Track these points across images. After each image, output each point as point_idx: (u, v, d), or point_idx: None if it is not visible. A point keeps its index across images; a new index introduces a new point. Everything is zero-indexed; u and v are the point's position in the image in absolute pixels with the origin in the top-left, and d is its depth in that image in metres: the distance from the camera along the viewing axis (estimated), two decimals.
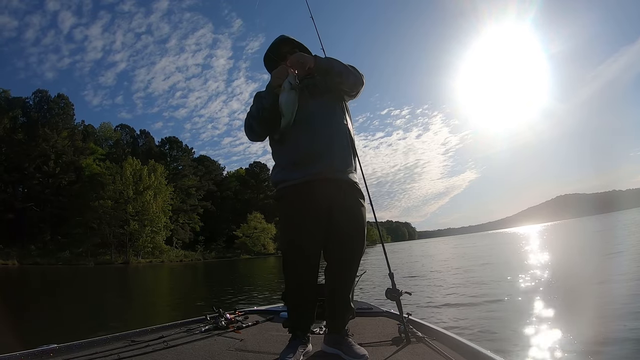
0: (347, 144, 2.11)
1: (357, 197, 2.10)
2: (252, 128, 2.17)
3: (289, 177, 2.05)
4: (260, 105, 2.12)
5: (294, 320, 2.13)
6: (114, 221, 50.37)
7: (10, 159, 50.49)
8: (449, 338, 2.17)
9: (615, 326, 4.35)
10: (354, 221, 2.04)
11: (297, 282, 2.07)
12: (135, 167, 53.27)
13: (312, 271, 2.05)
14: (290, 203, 2.05)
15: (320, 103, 2.13)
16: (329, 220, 2.02)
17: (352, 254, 2.05)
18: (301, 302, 2.11)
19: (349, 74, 2.10)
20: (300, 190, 2.01)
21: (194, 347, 2.30)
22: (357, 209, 2.08)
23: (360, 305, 3.37)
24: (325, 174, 2.00)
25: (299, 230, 2.01)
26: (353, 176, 2.11)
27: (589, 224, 53.79)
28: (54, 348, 2.15)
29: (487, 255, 19.79)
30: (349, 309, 2.13)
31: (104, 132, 68.90)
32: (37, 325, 6.84)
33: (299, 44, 2.32)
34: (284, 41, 2.31)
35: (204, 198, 69.66)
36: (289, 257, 2.05)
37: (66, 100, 59.14)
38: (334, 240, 2.04)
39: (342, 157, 2.07)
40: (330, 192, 2.01)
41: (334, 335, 2.11)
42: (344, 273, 2.09)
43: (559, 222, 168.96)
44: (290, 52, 2.23)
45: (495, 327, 4.92)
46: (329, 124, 2.08)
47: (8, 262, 40.65)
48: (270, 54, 2.33)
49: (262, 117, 2.11)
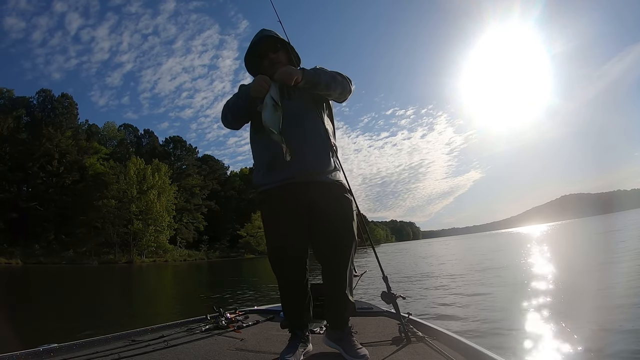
0: (322, 144, 2.06)
1: (337, 195, 2.06)
2: (227, 119, 2.16)
3: (265, 182, 2.06)
4: (238, 105, 2.12)
5: (289, 319, 2.15)
6: (117, 220, 50.63)
7: (14, 158, 50.74)
8: (450, 338, 2.15)
9: (615, 327, 4.33)
10: (336, 218, 2.01)
11: (285, 283, 2.10)
12: (139, 166, 53.50)
13: (298, 271, 2.07)
14: (268, 207, 2.07)
15: (294, 103, 2.07)
16: (311, 220, 2.02)
17: (337, 250, 2.01)
18: (292, 301, 2.13)
19: (336, 85, 2.06)
20: (276, 195, 2.02)
21: (194, 347, 2.30)
22: (338, 205, 2.04)
23: (361, 305, 3.36)
24: (298, 178, 1.98)
25: (279, 233, 2.04)
26: (330, 176, 2.06)
27: (594, 224, 53.53)
28: (54, 347, 2.16)
29: (490, 256, 19.74)
30: (345, 306, 2.07)
31: (108, 132, 69.27)
32: (38, 325, 6.87)
33: (281, 40, 2.22)
34: (266, 38, 2.19)
35: (208, 197, 69.83)
36: (273, 259, 2.06)
37: (70, 100, 59.49)
38: (319, 240, 2.04)
39: (316, 159, 2.01)
40: (306, 194, 1.99)
41: (336, 331, 2.08)
42: (333, 269, 2.05)
43: (563, 222, 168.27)
44: (272, 49, 2.18)
45: (496, 327, 4.90)
46: (301, 125, 2.03)
47: (12, 262, 40.96)
48: (250, 53, 2.25)
49: (238, 115, 2.14)
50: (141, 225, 51.26)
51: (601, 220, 65.18)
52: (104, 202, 49.62)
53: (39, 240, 48.22)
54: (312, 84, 2.00)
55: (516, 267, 11.98)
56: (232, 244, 68.48)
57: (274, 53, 2.18)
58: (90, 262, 45.76)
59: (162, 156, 64.13)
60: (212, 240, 66.87)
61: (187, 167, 69.47)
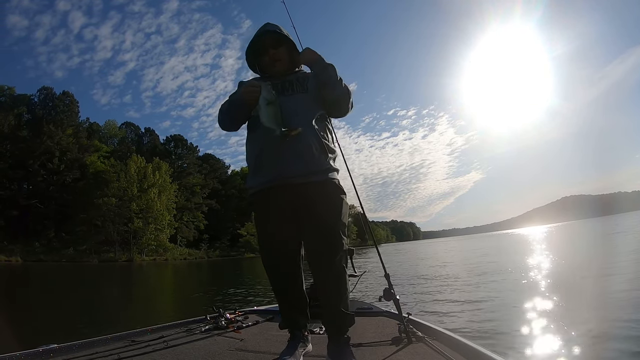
0: (315, 144, 1.93)
1: (326, 198, 1.93)
2: (224, 123, 2.12)
3: (254, 183, 2.02)
4: (231, 110, 2.08)
5: (284, 318, 2.15)
6: (118, 219, 50.68)
7: (15, 156, 50.79)
8: (450, 338, 2.15)
9: (616, 327, 4.33)
10: (323, 218, 1.90)
11: (276, 284, 2.11)
12: (139, 164, 53.59)
13: (287, 272, 2.06)
14: (257, 209, 2.05)
15: (287, 101, 1.98)
16: (299, 223, 1.95)
17: (321, 255, 1.91)
18: (285, 302, 2.14)
19: (335, 86, 2.02)
20: (263, 197, 1.98)
21: (194, 347, 2.30)
22: (326, 210, 1.92)
23: (361, 305, 3.36)
24: (285, 180, 1.90)
25: (267, 235, 2.05)
26: (322, 177, 1.95)
27: (594, 225, 53.50)
28: (54, 348, 2.15)
29: (490, 257, 19.73)
30: (336, 314, 1.93)
31: (108, 130, 69.29)
32: (38, 325, 6.87)
33: (284, 36, 2.14)
34: (268, 33, 2.11)
35: (208, 196, 69.81)
36: (263, 260, 2.07)
37: (71, 98, 59.59)
38: (306, 243, 2.00)
39: (306, 160, 1.90)
40: (293, 197, 1.92)
41: (333, 344, 1.94)
42: (320, 275, 1.95)
43: (564, 224, 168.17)
44: (273, 45, 2.11)
45: (496, 327, 4.90)
46: (294, 122, 1.91)
47: (12, 259, 41.02)
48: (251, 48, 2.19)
49: (234, 118, 2.10)
50: (141, 223, 51.32)
51: (602, 222, 65.12)
52: (105, 200, 49.63)
53: (39, 238, 48.27)
54: (321, 66, 2.01)
55: (516, 267, 11.97)
56: (233, 243, 68.41)
57: (275, 49, 2.12)
58: (90, 260, 45.83)
59: (163, 155, 64.16)
60: (212, 239, 66.87)
61: (187, 165, 69.51)
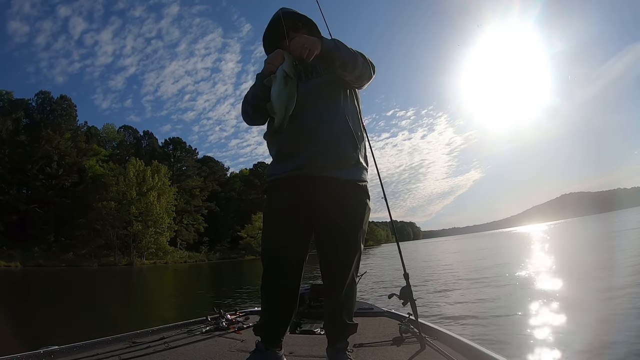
0: (340, 133, 1.77)
1: (350, 198, 1.79)
2: (248, 113, 1.92)
3: (274, 172, 1.85)
4: (255, 95, 1.84)
5: (263, 325, 1.94)
6: (117, 222, 50.48)
7: (13, 160, 50.65)
8: (451, 338, 2.15)
9: (616, 328, 4.33)
10: (341, 226, 1.76)
11: (270, 284, 1.89)
12: (138, 168, 53.38)
13: (287, 273, 1.83)
14: (271, 198, 1.87)
15: (311, 84, 1.83)
16: (314, 220, 1.81)
17: (335, 263, 1.79)
18: (273, 309, 1.90)
19: (354, 66, 1.75)
20: (281, 186, 1.81)
21: (194, 348, 2.30)
22: (348, 211, 1.78)
23: (361, 305, 3.35)
24: (305, 170, 1.75)
25: (276, 229, 1.84)
26: (347, 172, 1.79)
27: (594, 223, 53.52)
28: (54, 350, 2.15)
29: (490, 256, 19.73)
30: (339, 324, 1.86)
31: (107, 134, 69.17)
32: (38, 327, 6.86)
33: (303, 17, 1.93)
34: (285, 15, 1.85)
35: (208, 199, 69.68)
36: (264, 254, 1.87)
37: (69, 102, 59.46)
38: (319, 243, 1.83)
39: (330, 150, 1.74)
40: (312, 190, 1.75)
41: (331, 349, 1.88)
42: (329, 282, 1.84)
43: (564, 221, 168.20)
44: (294, 28, 1.87)
45: (496, 327, 4.91)
46: (315, 109, 1.76)
47: (11, 264, 40.83)
48: (269, 32, 1.97)
49: (257, 106, 1.83)
50: (141, 227, 51.13)
51: (602, 219, 65.15)
52: (104, 204, 49.47)
53: (39, 242, 48.04)
54: (328, 57, 1.70)
55: (516, 267, 11.97)
56: (233, 245, 68.23)
57: (295, 32, 1.85)
58: (90, 264, 45.65)
59: (162, 158, 64.07)
60: (212, 242, 66.74)
61: (187, 168, 69.42)
